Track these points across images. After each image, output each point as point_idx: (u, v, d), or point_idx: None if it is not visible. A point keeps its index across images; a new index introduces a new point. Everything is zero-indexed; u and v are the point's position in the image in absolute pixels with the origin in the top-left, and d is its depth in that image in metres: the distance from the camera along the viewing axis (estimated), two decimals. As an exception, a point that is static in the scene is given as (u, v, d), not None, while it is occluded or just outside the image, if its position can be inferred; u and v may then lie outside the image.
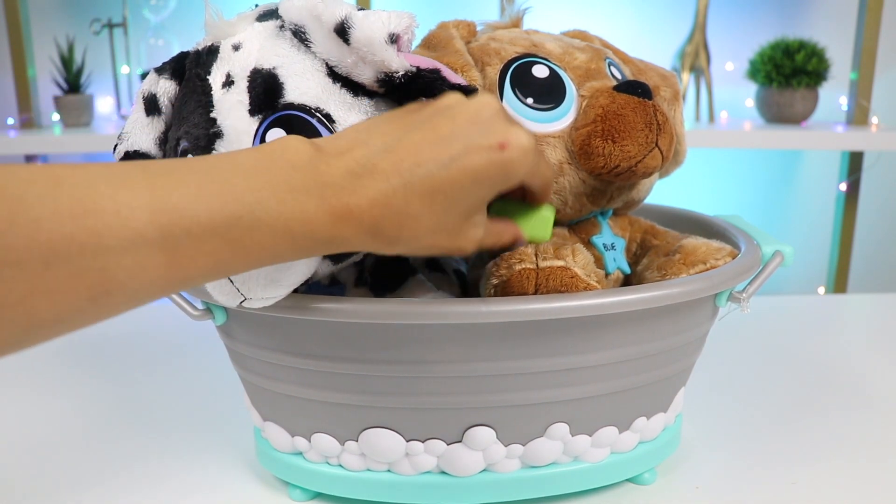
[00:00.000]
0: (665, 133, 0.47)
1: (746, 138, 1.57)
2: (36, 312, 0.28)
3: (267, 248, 0.33)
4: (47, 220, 0.28)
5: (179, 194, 0.31)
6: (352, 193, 0.34)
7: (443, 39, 0.50)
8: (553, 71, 0.49)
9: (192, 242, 0.31)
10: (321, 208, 0.33)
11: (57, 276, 0.28)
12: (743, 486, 0.51)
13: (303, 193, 0.33)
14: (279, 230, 0.33)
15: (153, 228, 0.30)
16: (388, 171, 0.34)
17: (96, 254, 0.29)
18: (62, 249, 0.28)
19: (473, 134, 0.35)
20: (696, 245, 0.49)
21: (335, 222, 0.33)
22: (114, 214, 0.29)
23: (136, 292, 0.31)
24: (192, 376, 0.71)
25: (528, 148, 0.36)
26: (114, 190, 0.30)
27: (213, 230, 0.31)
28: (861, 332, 0.86)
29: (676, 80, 0.56)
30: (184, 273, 0.31)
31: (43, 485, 0.52)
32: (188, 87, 0.44)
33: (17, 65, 1.61)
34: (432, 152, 0.35)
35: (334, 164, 0.34)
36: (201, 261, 0.31)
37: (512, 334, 0.42)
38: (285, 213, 0.32)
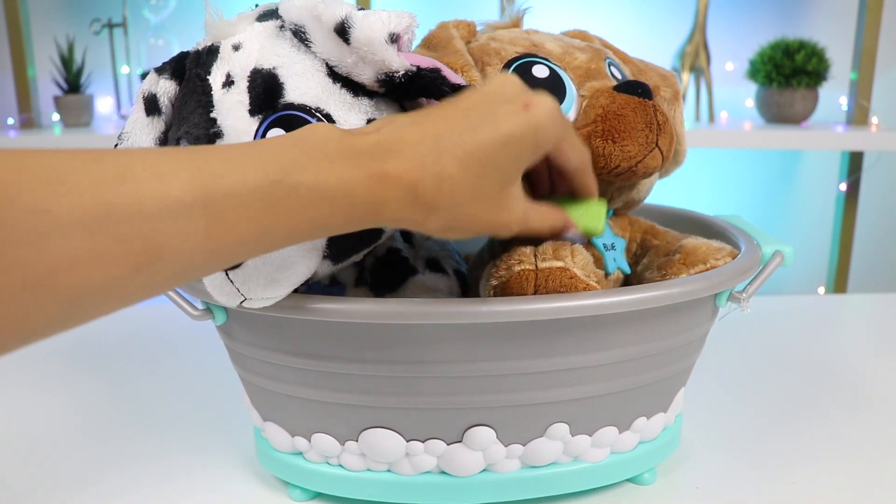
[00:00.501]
0: (665, 133, 0.47)
1: (746, 138, 1.57)
2: (83, 280, 0.28)
3: (308, 213, 0.33)
4: (88, 188, 0.28)
5: (217, 162, 0.31)
6: (386, 159, 0.34)
7: (443, 39, 0.50)
8: (553, 71, 0.49)
9: (232, 207, 0.31)
10: (358, 171, 0.33)
11: (101, 243, 0.28)
12: (743, 486, 0.51)
13: (339, 159, 0.33)
14: (319, 193, 0.33)
15: (193, 194, 0.30)
16: (416, 140, 0.35)
17: (138, 220, 0.29)
18: (104, 216, 0.28)
19: (497, 101, 0.36)
20: (696, 245, 0.49)
21: (373, 186, 0.34)
22: (153, 181, 0.29)
23: (181, 260, 0.31)
24: (192, 376, 0.71)
25: (552, 108, 0.37)
26: (153, 160, 0.30)
27: (252, 193, 0.31)
28: (861, 332, 0.86)
29: (676, 80, 0.56)
30: (226, 240, 0.31)
31: (43, 485, 0.52)
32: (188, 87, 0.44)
33: (17, 65, 1.61)
34: (459, 119, 0.36)
35: (364, 138, 0.35)
36: (242, 227, 0.32)
37: (512, 334, 0.42)
38: (323, 174, 0.33)
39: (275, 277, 0.40)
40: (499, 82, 0.38)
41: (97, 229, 0.28)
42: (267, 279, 0.40)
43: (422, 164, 0.34)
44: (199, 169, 0.31)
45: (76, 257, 0.28)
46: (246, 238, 0.32)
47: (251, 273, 0.39)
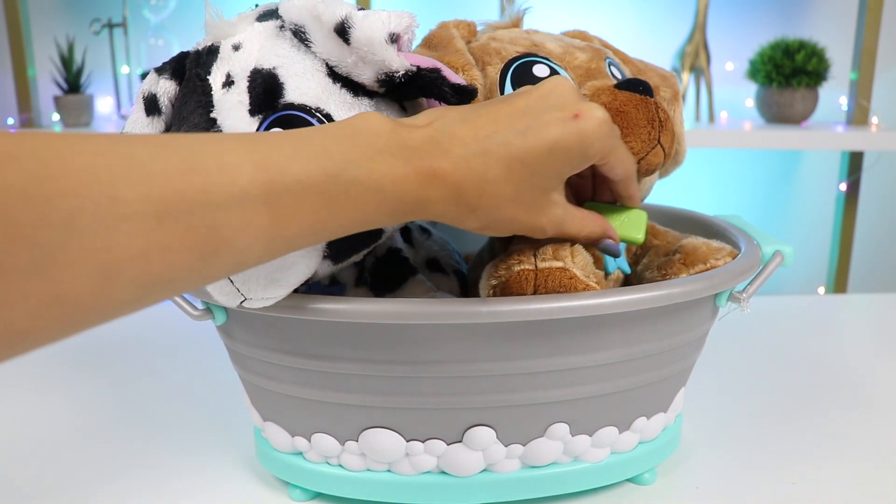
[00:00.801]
0: (667, 130, 0.47)
1: (746, 138, 1.57)
2: (151, 269, 0.29)
3: (360, 208, 0.34)
4: (158, 177, 0.28)
5: (278, 155, 0.32)
6: (435, 156, 0.35)
7: (444, 39, 0.50)
8: (554, 70, 0.49)
9: (293, 200, 0.32)
10: (408, 169, 0.34)
11: (170, 232, 0.29)
12: (743, 486, 0.51)
13: (390, 155, 0.34)
14: (371, 189, 0.33)
15: (256, 186, 0.31)
16: (466, 138, 0.35)
17: (205, 210, 0.29)
18: (173, 205, 0.29)
19: (547, 107, 0.37)
20: (697, 245, 0.49)
21: (422, 183, 0.34)
22: (219, 172, 0.30)
23: (242, 251, 0.31)
24: (192, 376, 0.71)
25: (602, 119, 0.37)
26: (217, 150, 0.31)
27: (311, 187, 0.32)
28: (861, 332, 0.86)
29: (676, 80, 0.56)
30: (286, 231, 0.32)
31: (42, 485, 0.52)
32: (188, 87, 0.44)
33: (17, 65, 1.61)
34: (508, 122, 0.36)
35: (415, 132, 0.35)
36: (302, 219, 0.32)
37: (512, 334, 0.42)
38: (376, 173, 0.33)
39: (275, 277, 0.40)
40: (552, 85, 0.38)
41: (166, 218, 0.28)
42: (267, 279, 0.40)
43: (468, 166, 0.35)
44: (262, 162, 0.31)
45: (146, 245, 0.28)
46: (303, 230, 0.33)
47: (251, 273, 0.39)
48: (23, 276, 0.25)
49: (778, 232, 1.99)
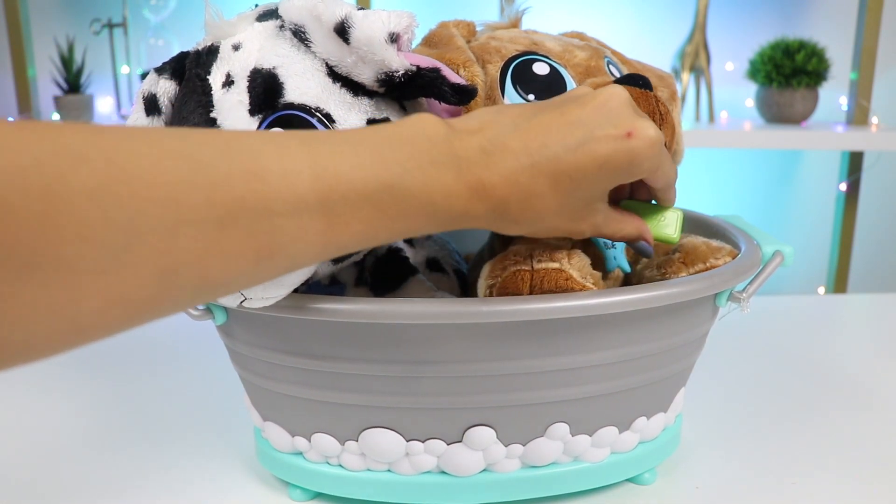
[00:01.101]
0: (667, 124, 0.47)
1: (746, 138, 1.57)
2: (209, 273, 0.29)
3: (410, 218, 0.34)
4: (221, 182, 0.29)
5: (336, 161, 0.32)
6: (485, 168, 0.34)
7: (444, 37, 0.51)
8: (553, 68, 0.49)
9: (348, 208, 0.32)
10: (459, 181, 0.34)
11: (229, 238, 0.29)
12: (743, 486, 0.51)
13: (443, 166, 0.34)
14: (423, 200, 0.34)
15: (314, 193, 0.31)
16: (517, 150, 0.35)
17: (264, 216, 0.30)
18: (234, 211, 0.29)
19: (601, 121, 0.36)
20: (696, 244, 0.49)
21: (471, 197, 0.34)
22: (280, 178, 0.30)
23: (295, 256, 0.32)
24: (192, 376, 0.71)
25: (654, 140, 0.37)
26: (278, 155, 0.31)
27: (366, 197, 0.32)
28: (861, 332, 0.86)
29: (673, 80, 0.56)
30: (339, 238, 0.32)
31: (41, 484, 0.52)
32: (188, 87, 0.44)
33: (17, 65, 1.61)
34: (560, 135, 0.36)
35: (467, 140, 0.35)
36: (355, 227, 0.32)
37: (512, 334, 0.42)
38: (429, 184, 0.34)
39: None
40: (606, 96, 0.38)
41: (227, 223, 0.29)
42: (267, 279, 0.40)
43: (516, 180, 0.35)
44: (320, 168, 0.31)
45: (206, 250, 0.28)
46: (355, 237, 0.33)
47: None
48: (89, 275, 0.26)
49: (778, 232, 1.99)
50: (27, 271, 0.25)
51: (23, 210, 0.24)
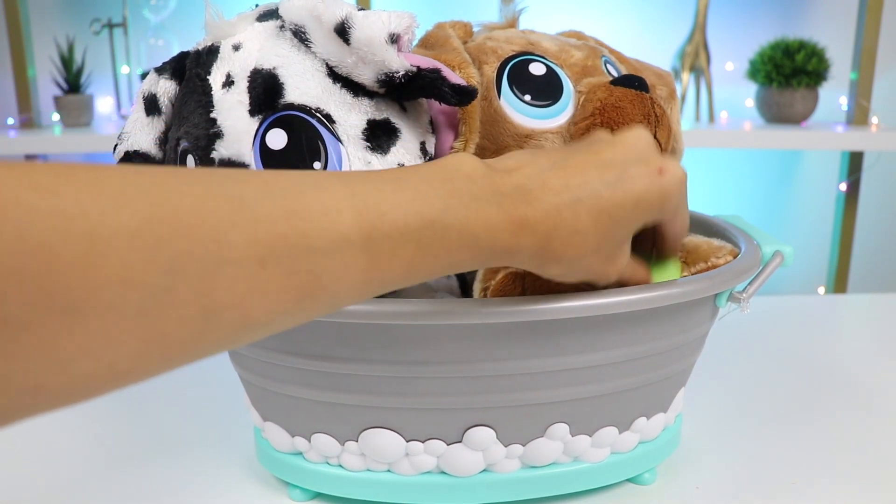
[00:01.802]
0: (663, 126, 0.47)
1: (746, 138, 1.57)
2: (251, 313, 0.28)
3: (453, 253, 0.34)
4: (264, 221, 0.28)
5: (377, 199, 0.32)
6: (527, 204, 0.34)
7: (440, 38, 0.51)
8: (550, 68, 0.49)
9: (390, 245, 0.32)
10: (502, 216, 0.34)
11: (271, 277, 0.29)
12: (743, 486, 0.51)
13: (485, 201, 0.34)
14: (466, 236, 0.33)
15: (356, 231, 0.31)
16: (558, 187, 0.35)
17: (306, 255, 0.29)
18: (276, 250, 0.28)
19: (633, 159, 0.37)
20: (698, 243, 0.49)
21: (514, 231, 0.34)
22: (322, 216, 0.30)
23: (337, 294, 0.31)
24: (193, 376, 0.71)
25: (682, 178, 0.38)
26: (319, 193, 0.30)
27: (409, 234, 0.32)
28: (861, 332, 0.86)
29: (672, 78, 0.56)
30: (381, 276, 0.32)
31: (42, 484, 0.52)
32: (188, 87, 0.44)
33: (17, 65, 1.61)
34: (598, 173, 0.36)
35: (507, 178, 0.35)
36: (397, 264, 0.32)
37: (512, 334, 0.42)
38: (471, 220, 0.33)
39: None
40: (633, 137, 0.39)
41: (269, 262, 0.28)
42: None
43: (560, 216, 0.35)
44: (362, 206, 0.31)
45: (248, 289, 0.28)
46: (397, 275, 0.33)
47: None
48: (129, 318, 0.25)
49: (778, 232, 1.99)
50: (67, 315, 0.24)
51: (64, 253, 0.24)
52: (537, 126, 0.48)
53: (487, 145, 0.48)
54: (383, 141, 0.43)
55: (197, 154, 0.42)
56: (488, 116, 0.48)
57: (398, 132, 0.44)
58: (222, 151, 0.41)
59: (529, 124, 0.48)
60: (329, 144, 0.42)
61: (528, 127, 0.48)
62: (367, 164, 0.43)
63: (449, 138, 0.47)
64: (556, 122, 0.48)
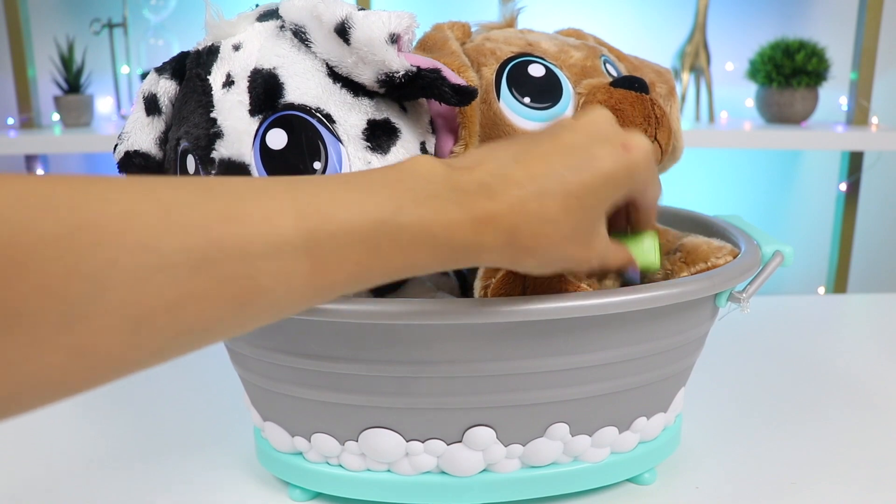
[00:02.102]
0: (663, 127, 0.47)
1: (746, 138, 1.57)
2: (184, 320, 0.28)
3: (408, 255, 0.33)
4: (197, 226, 0.28)
5: (322, 201, 0.31)
6: (490, 200, 0.34)
7: (438, 41, 0.50)
8: (549, 69, 0.49)
9: (336, 248, 0.31)
10: (462, 214, 0.33)
11: (205, 283, 0.28)
12: (743, 486, 0.51)
13: (443, 200, 0.33)
14: (421, 236, 0.33)
15: (298, 234, 0.30)
16: (521, 179, 0.35)
17: (243, 259, 0.29)
18: (210, 255, 0.28)
19: (596, 141, 0.37)
20: (698, 243, 0.49)
21: (476, 228, 0.34)
22: (261, 221, 0.29)
23: (280, 300, 0.30)
24: (192, 376, 0.71)
25: (648, 149, 0.38)
26: (257, 197, 0.30)
27: (356, 235, 0.31)
28: (861, 332, 0.86)
29: (671, 75, 0.56)
30: (327, 280, 0.31)
31: (42, 484, 0.52)
32: (188, 87, 0.44)
33: (17, 65, 1.61)
34: (562, 159, 0.36)
35: (468, 175, 0.34)
36: (345, 267, 0.31)
37: (512, 334, 0.42)
38: (427, 218, 0.33)
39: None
40: (592, 117, 0.38)
41: (202, 268, 0.28)
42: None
43: (525, 207, 0.34)
44: (305, 208, 0.30)
45: (181, 296, 0.27)
46: (346, 278, 0.32)
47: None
48: (51, 329, 0.25)
49: (778, 232, 1.99)
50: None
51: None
52: (537, 129, 0.48)
53: None
54: (383, 141, 0.43)
55: (197, 154, 0.43)
56: (488, 119, 0.48)
57: (398, 132, 0.44)
58: (222, 151, 0.42)
59: (529, 127, 0.48)
60: (329, 144, 0.42)
61: (527, 129, 0.48)
62: (368, 164, 0.43)
63: (448, 142, 0.47)
64: None
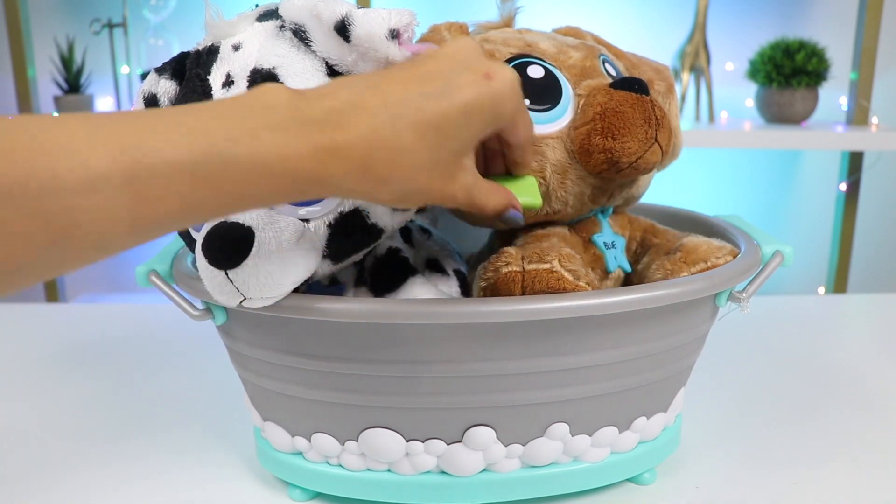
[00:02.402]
0: (663, 128, 0.47)
1: (746, 138, 1.57)
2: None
3: (242, 187, 0.32)
4: (3, 159, 0.27)
5: (146, 135, 0.30)
6: (337, 128, 0.32)
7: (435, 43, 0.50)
8: (548, 71, 0.49)
9: (158, 182, 0.30)
10: (303, 144, 0.32)
11: (11, 218, 0.27)
12: (743, 486, 0.51)
13: (282, 130, 0.32)
14: (255, 168, 0.31)
15: (116, 167, 0.29)
16: (375, 106, 0.33)
17: (55, 194, 0.28)
18: (17, 190, 0.27)
19: (458, 69, 0.35)
20: (698, 243, 0.48)
21: (320, 158, 0.32)
22: (73, 154, 0.28)
23: (101, 236, 0.30)
24: (192, 376, 0.71)
25: (513, 79, 0.36)
26: (73, 130, 0.29)
27: (180, 168, 0.30)
28: (861, 332, 0.86)
29: (670, 72, 0.56)
30: (151, 214, 0.30)
31: (42, 484, 0.52)
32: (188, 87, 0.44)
33: (17, 65, 1.61)
34: (420, 86, 0.34)
35: (317, 103, 0.33)
36: (169, 201, 0.30)
37: (512, 334, 0.42)
38: (262, 150, 0.31)
39: (274, 277, 0.40)
40: (456, 46, 0.37)
41: (7, 203, 0.27)
42: (266, 279, 0.40)
43: (377, 136, 0.33)
44: (125, 142, 0.29)
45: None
46: (173, 213, 0.31)
47: (250, 273, 0.39)
48: None
49: (778, 232, 1.99)
50: None
51: None
52: (537, 131, 0.47)
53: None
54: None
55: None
56: None
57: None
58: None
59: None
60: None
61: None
62: None
63: None
64: (557, 126, 0.48)
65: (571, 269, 0.43)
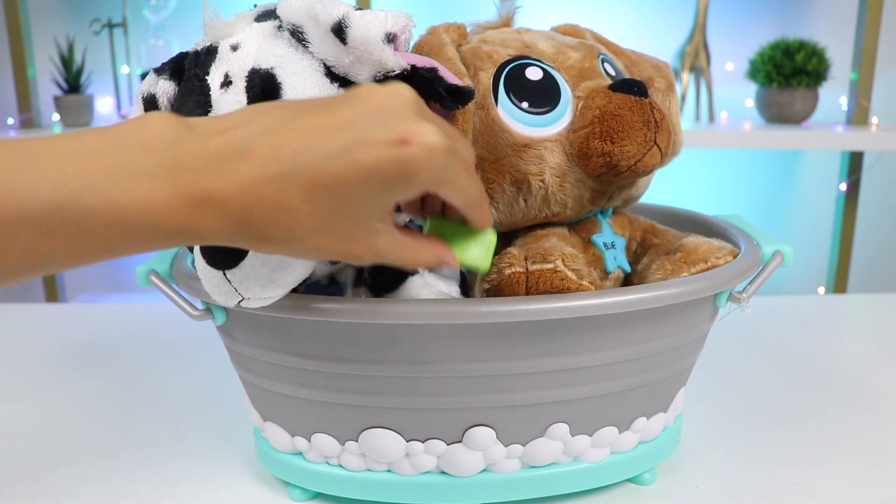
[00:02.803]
0: (663, 130, 0.47)
1: (746, 138, 1.57)
2: None
3: (97, 240, 0.30)
4: None
5: (5, 175, 0.28)
6: (215, 177, 0.30)
7: (434, 46, 0.50)
8: (547, 73, 0.49)
9: (3, 232, 0.28)
10: (171, 193, 0.30)
11: None
12: (743, 486, 0.51)
13: (148, 177, 0.29)
14: (111, 219, 0.29)
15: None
16: (263, 156, 0.30)
17: None
18: None
19: (372, 125, 0.31)
20: (698, 244, 0.48)
21: (190, 210, 0.30)
22: None
23: None
24: (192, 376, 0.71)
25: (434, 147, 0.32)
26: None
27: (22, 221, 0.28)
28: (861, 332, 0.86)
29: (670, 69, 0.56)
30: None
31: (43, 485, 0.52)
32: (187, 87, 0.44)
33: (17, 65, 1.61)
34: (320, 140, 0.31)
35: (201, 144, 0.30)
36: (13, 253, 0.29)
37: (512, 334, 0.42)
38: (121, 200, 0.29)
39: (273, 277, 0.40)
40: (386, 94, 0.33)
41: None
42: (265, 279, 0.40)
43: (255, 191, 0.30)
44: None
45: None
46: (22, 263, 0.29)
47: (249, 273, 0.39)
48: None
49: (778, 232, 1.99)
50: None
51: None
52: (535, 134, 0.47)
53: (486, 155, 0.48)
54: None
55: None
56: (486, 126, 0.48)
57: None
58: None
59: (528, 133, 0.47)
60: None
61: (526, 136, 0.47)
62: None
63: None
64: (555, 129, 0.48)
65: (575, 269, 0.43)
